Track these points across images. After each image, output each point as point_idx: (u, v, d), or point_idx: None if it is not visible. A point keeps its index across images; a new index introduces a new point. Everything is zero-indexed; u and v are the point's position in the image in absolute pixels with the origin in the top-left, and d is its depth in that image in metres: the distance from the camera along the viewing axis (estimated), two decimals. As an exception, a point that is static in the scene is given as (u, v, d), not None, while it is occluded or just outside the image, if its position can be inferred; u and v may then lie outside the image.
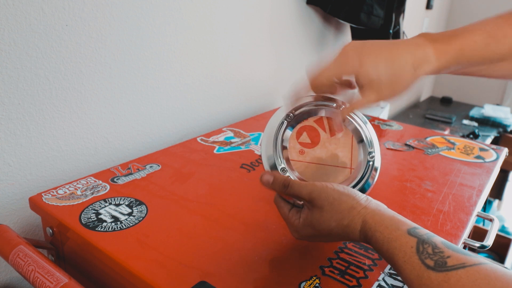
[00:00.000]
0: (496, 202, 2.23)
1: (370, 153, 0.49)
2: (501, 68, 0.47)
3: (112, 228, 0.52)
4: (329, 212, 0.43)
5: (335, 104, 0.49)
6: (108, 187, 0.62)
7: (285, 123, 0.49)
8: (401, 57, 0.44)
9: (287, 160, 0.49)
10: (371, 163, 0.49)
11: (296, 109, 0.50)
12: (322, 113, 0.50)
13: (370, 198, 0.44)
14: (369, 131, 0.50)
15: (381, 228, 0.40)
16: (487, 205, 2.03)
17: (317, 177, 0.50)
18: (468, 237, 0.59)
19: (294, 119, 0.49)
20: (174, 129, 0.89)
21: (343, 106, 0.49)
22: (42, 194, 0.59)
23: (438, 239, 0.38)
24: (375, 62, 0.44)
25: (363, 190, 0.49)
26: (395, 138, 0.91)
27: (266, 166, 0.48)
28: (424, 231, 0.39)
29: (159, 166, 0.70)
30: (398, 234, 0.39)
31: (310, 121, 0.50)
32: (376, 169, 0.50)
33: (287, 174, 0.48)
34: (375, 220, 0.41)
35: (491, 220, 0.66)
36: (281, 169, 0.48)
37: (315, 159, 0.50)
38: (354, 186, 0.49)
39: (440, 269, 0.34)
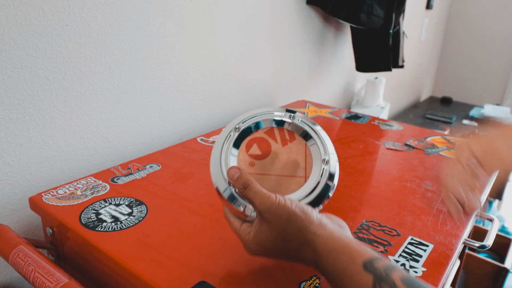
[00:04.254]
0: (496, 202, 2.23)
1: (324, 159, 0.46)
2: None
3: (112, 228, 0.52)
4: (276, 230, 0.40)
5: (290, 114, 0.48)
6: (108, 187, 0.62)
7: (232, 135, 0.47)
8: None
9: None
10: (325, 168, 0.45)
11: (244, 121, 0.48)
12: (272, 123, 0.48)
13: (325, 220, 0.41)
14: (322, 136, 0.48)
15: (333, 261, 0.37)
16: (487, 205, 2.02)
17: (268, 190, 0.44)
18: (468, 237, 0.59)
19: (242, 132, 0.47)
20: (174, 129, 0.89)
21: (296, 114, 0.48)
22: (42, 194, 0.59)
23: (397, 275, 0.34)
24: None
25: (317, 201, 0.45)
26: (395, 138, 0.91)
27: (213, 181, 0.45)
28: (383, 264, 0.35)
29: (159, 166, 0.70)
30: (353, 269, 0.35)
31: (260, 133, 0.48)
32: (332, 177, 0.46)
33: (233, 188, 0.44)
34: (326, 249, 0.38)
35: (491, 220, 0.66)
36: (227, 182, 0.44)
37: (265, 170, 0.46)
38: (307, 197, 0.45)
39: None
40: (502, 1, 2.47)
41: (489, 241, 0.59)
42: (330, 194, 0.46)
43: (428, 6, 2.18)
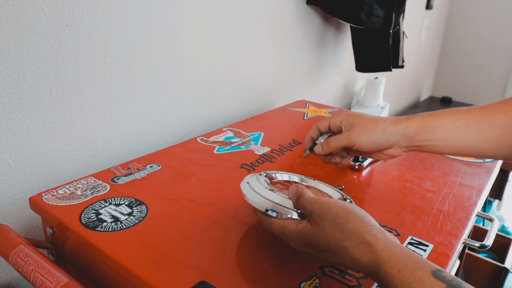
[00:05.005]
0: (496, 202, 2.23)
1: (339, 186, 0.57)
2: (439, 145, 0.56)
3: (112, 228, 0.52)
4: (329, 228, 0.39)
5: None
6: (108, 187, 0.62)
7: (263, 174, 0.54)
8: (378, 131, 0.58)
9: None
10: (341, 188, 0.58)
11: (268, 173, 0.56)
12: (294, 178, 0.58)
13: (381, 228, 0.40)
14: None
15: (398, 265, 0.35)
16: (487, 205, 2.02)
17: None
18: (468, 237, 0.59)
19: (268, 176, 0.55)
20: (174, 129, 0.89)
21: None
22: (42, 194, 0.59)
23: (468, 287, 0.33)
24: (360, 133, 0.59)
25: None
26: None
27: (258, 205, 0.48)
28: (451, 275, 0.34)
29: (159, 166, 0.70)
30: (422, 276, 0.33)
31: (280, 179, 0.57)
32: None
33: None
34: (389, 253, 0.36)
35: (491, 220, 0.66)
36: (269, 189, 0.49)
37: None
38: None
39: None
40: (502, 1, 2.47)
41: (489, 241, 0.59)
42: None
43: (428, 6, 2.18)
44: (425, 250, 0.51)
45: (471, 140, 0.54)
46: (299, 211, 0.45)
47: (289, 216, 0.45)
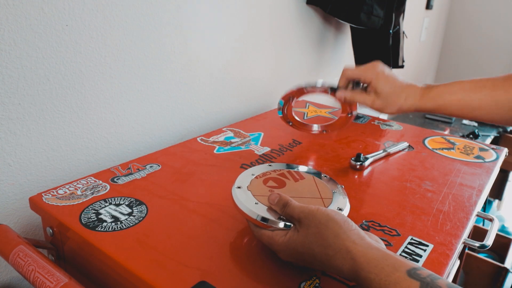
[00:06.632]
0: (496, 202, 2.23)
1: (336, 186, 0.55)
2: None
3: (112, 228, 0.52)
4: (312, 234, 0.41)
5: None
6: (108, 187, 0.62)
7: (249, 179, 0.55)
8: (400, 85, 0.68)
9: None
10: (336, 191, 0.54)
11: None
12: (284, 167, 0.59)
13: (362, 232, 0.41)
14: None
15: (375, 270, 0.36)
16: (487, 205, 2.02)
17: None
18: (468, 237, 0.59)
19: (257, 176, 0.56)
20: (174, 129, 0.89)
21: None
22: (42, 194, 0.59)
23: (443, 282, 0.34)
24: (384, 81, 0.68)
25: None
26: (395, 138, 0.91)
27: (248, 215, 0.48)
28: (426, 272, 0.35)
29: (159, 166, 0.70)
30: (397, 277, 0.35)
31: (273, 174, 0.57)
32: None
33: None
34: (367, 258, 0.37)
35: (491, 220, 0.66)
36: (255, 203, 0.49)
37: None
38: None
39: None
40: (502, 1, 2.47)
41: (489, 241, 0.59)
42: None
43: (428, 6, 2.19)
44: (425, 250, 0.51)
45: (482, 94, 0.62)
46: (287, 223, 0.45)
47: (280, 226, 0.45)
